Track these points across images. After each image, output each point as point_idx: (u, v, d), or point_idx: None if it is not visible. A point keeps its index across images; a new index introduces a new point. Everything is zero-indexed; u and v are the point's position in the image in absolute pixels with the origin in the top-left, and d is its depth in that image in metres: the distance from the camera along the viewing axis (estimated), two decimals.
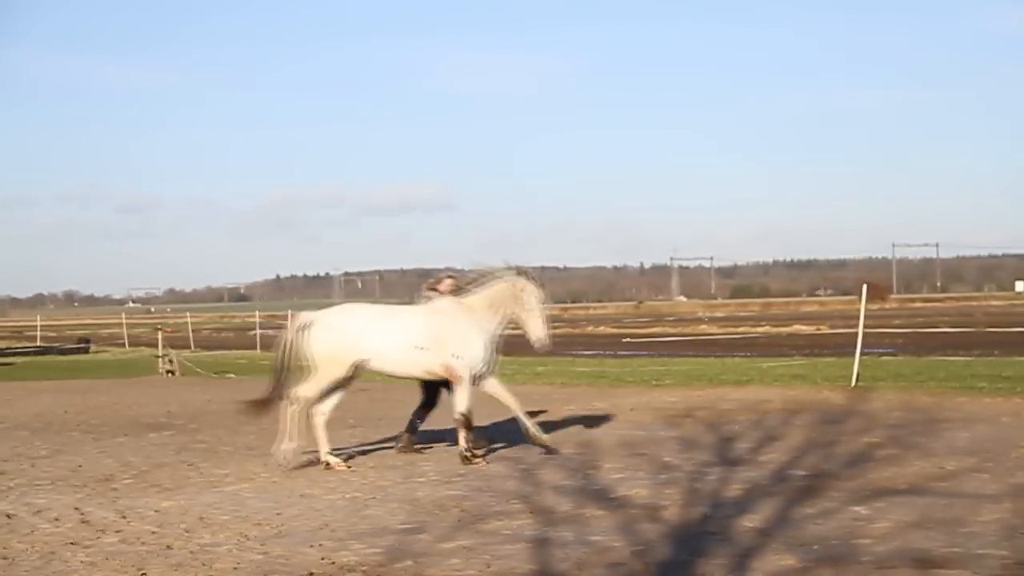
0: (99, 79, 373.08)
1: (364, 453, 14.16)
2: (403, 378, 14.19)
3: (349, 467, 12.93)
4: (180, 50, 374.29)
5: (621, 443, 14.25)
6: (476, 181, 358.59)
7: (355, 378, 13.63)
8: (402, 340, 13.15)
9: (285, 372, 13.44)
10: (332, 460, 13.00)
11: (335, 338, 13.13)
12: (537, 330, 13.40)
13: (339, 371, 13.18)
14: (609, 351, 40.66)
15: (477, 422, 13.80)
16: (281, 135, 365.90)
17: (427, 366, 13.25)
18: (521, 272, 13.60)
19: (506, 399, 13.63)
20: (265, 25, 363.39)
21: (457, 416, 13.22)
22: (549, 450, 13.38)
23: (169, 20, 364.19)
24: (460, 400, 13.21)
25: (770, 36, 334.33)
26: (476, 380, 13.31)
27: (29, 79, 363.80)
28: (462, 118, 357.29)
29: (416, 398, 14.45)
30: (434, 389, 14.15)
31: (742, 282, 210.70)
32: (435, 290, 14.14)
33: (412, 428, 14.28)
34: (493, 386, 13.59)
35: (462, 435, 13.19)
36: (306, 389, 13.20)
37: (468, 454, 13.06)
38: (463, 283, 13.76)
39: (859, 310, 23.91)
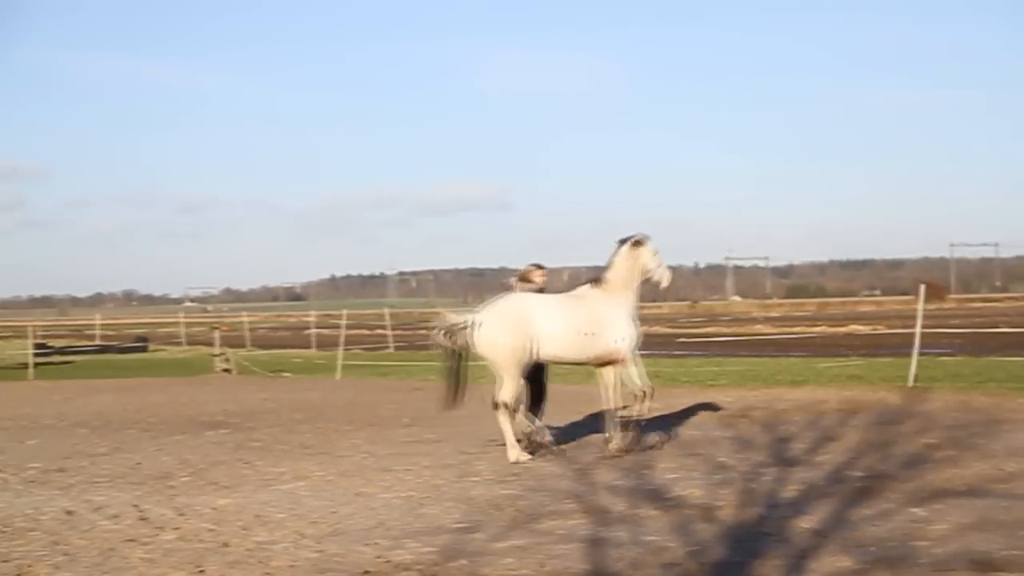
0: (161, 80, 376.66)
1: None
2: (567, 364, 14.28)
3: (532, 457, 13.10)
4: (241, 51, 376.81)
5: (676, 443, 14.20)
6: (531, 181, 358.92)
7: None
8: (571, 326, 13.27)
9: (461, 376, 13.69)
10: (515, 454, 13.08)
11: (514, 328, 13.14)
12: (664, 279, 14.13)
13: (524, 360, 13.20)
14: (663, 351, 40.49)
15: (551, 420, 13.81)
16: (337, 135, 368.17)
17: (594, 351, 13.44)
18: (624, 241, 13.85)
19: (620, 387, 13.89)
20: (322, 25, 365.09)
21: (638, 392, 13.63)
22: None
23: (227, 21, 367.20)
24: (634, 378, 13.63)
25: (823, 34, 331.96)
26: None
27: (92, 81, 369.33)
28: (517, 117, 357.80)
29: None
30: (539, 385, 14.25)
31: (798, 282, 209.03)
32: (529, 281, 14.49)
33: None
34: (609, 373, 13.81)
35: (644, 405, 13.68)
36: (505, 393, 13.21)
37: (629, 441, 13.50)
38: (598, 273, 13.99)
39: (917, 310, 23.67)
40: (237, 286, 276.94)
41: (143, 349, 52.60)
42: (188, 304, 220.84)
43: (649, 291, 15.08)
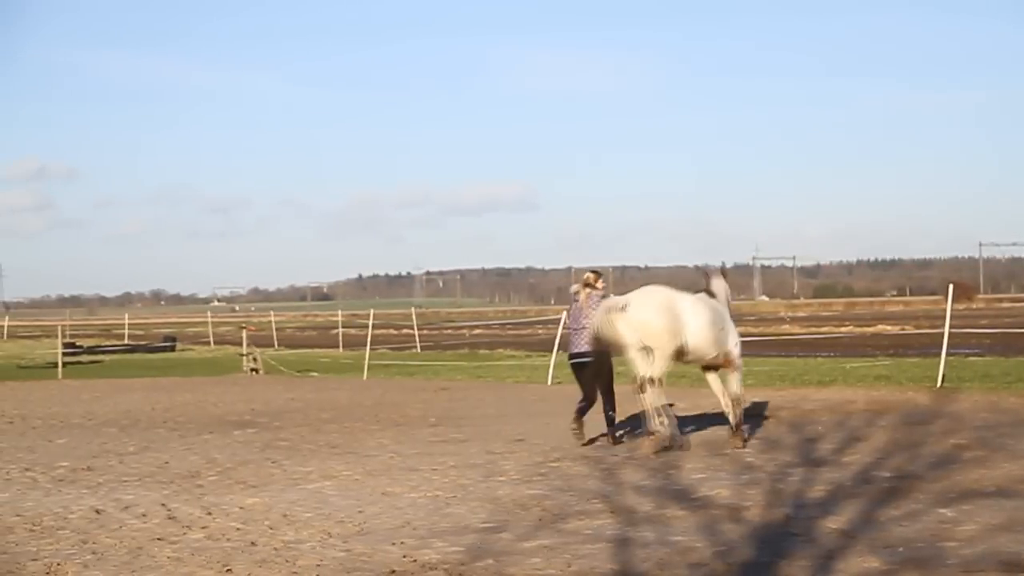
0: (191, 80, 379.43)
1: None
2: (692, 363, 14.36)
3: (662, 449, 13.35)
4: (271, 51, 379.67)
5: (702, 443, 14.17)
6: (558, 181, 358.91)
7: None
8: (708, 322, 13.73)
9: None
10: (660, 430, 13.50)
11: (669, 314, 13.47)
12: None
13: (675, 346, 13.51)
14: None
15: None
16: (368, 136, 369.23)
17: (723, 348, 13.97)
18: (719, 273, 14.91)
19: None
20: (351, 26, 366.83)
21: (733, 398, 14.13)
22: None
23: (258, 23, 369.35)
24: (738, 384, 14.25)
25: (852, 36, 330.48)
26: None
27: (121, 81, 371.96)
28: (544, 117, 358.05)
29: (489, 399, 14.46)
30: (593, 388, 14.59)
31: (825, 281, 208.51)
32: (592, 287, 14.77)
33: (609, 422, 14.72)
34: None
35: (738, 412, 14.11)
36: (656, 369, 13.52)
37: (744, 435, 13.99)
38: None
39: (945, 310, 23.53)
40: (264, 286, 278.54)
41: (171, 349, 52.79)
42: (216, 304, 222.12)
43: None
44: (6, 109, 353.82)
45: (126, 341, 61.55)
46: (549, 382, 23.97)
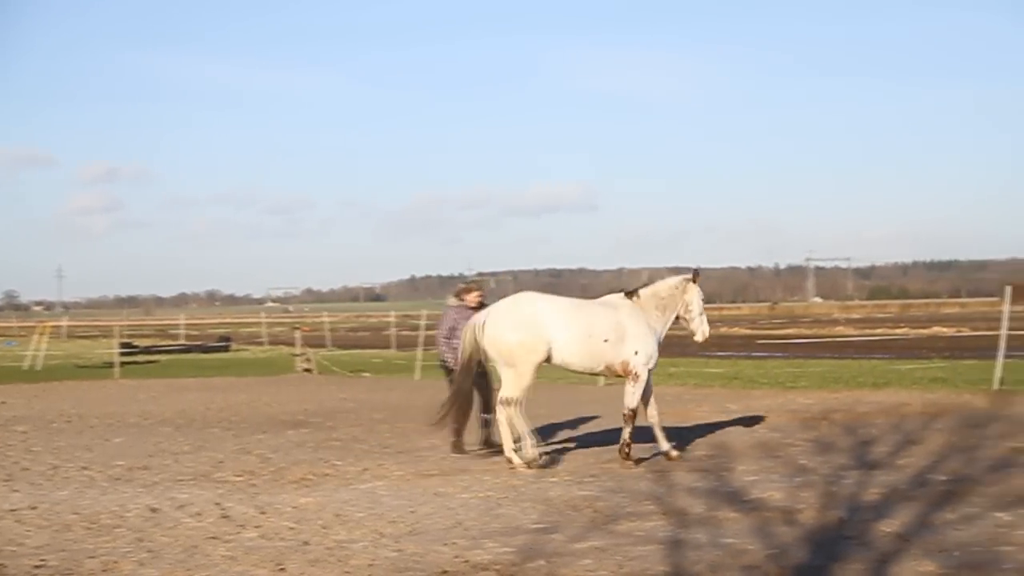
0: (261, 82, 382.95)
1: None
2: (578, 372, 13.78)
3: (529, 467, 12.72)
4: (338, 53, 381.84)
5: (756, 445, 14.10)
6: (617, 181, 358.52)
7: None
8: (587, 332, 12.95)
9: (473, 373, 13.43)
10: (516, 459, 12.81)
11: (527, 327, 12.86)
12: (702, 330, 13.76)
13: (535, 362, 12.91)
14: (742, 352, 40.22)
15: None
16: (430, 136, 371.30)
17: (608, 360, 13.12)
18: (684, 274, 13.77)
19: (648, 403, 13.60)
20: (412, 27, 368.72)
21: (626, 411, 13.23)
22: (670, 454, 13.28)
23: (319, 25, 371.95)
24: (631, 396, 13.22)
25: (908, 37, 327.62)
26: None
27: (193, 83, 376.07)
28: (606, 117, 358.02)
29: (539, 400, 14.44)
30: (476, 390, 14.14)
31: (880, 283, 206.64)
32: (460, 299, 14.86)
33: (484, 423, 14.53)
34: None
35: (627, 430, 13.14)
36: (512, 388, 12.94)
37: (628, 450, 13.02)
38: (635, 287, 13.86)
39: (1002, 312, 23.27)
40: (318, 287, 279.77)
41: (226, 349, 53.14)
42: (270, 304, 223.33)
43: (730, 291, 14.98)
44: (80, 111, 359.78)
45: (182, 341, 62.06)
46: (601, 383, 23.93)
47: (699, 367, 29.68)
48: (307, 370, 34.12)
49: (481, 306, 14.41)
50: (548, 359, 12.95)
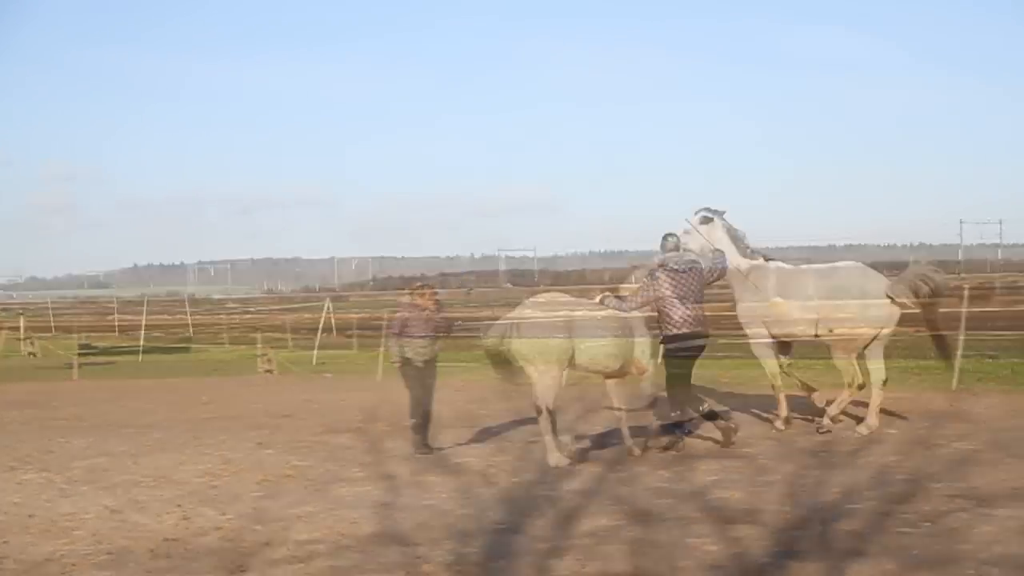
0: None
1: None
2: (594, 373, 13.62)
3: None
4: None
5: (714, 449, 14.00)
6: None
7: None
8: (606, 332, 13.02)
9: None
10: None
11: (559, 330, 12.78)
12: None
13: (561, 367, 12.84)
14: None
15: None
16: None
17: (628, 360, 13.28)
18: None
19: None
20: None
21: (649, 396, 13.61)
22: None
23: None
24: (648, 393, 13.61)
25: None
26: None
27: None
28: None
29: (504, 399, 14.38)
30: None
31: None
32: (413, 299, 14.59)
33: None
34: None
35: (658, 423, 13.54)
36: (544, 396, 12.76)
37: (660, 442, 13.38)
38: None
39: (960, 313, 23.30)
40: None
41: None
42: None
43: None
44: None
45: None
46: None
47: None
48: (268, 371, 33.79)
49: (436, 305, 14.43)
50: (572, 362, 12.95)
